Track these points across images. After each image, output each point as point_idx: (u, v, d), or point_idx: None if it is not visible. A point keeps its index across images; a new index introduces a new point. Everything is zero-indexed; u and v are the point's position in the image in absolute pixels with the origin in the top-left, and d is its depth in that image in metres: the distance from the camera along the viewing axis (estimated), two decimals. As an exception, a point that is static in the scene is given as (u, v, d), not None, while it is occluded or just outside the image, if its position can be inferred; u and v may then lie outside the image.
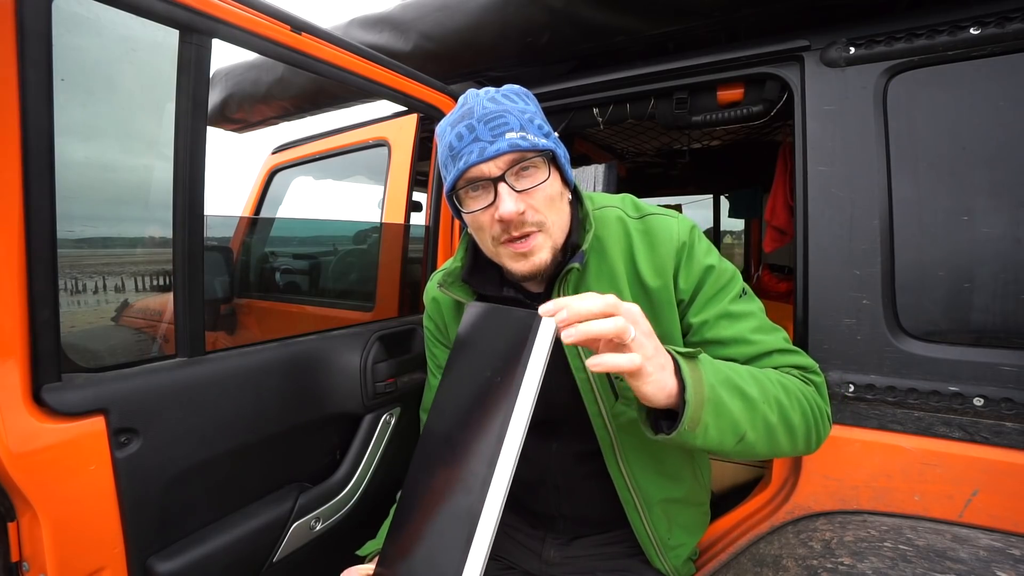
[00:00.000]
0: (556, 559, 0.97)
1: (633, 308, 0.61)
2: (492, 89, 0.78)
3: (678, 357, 0.64)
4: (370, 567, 0.70)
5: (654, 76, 1.30)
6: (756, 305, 0.85)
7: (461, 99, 0.79)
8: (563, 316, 0.58)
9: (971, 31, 0.93)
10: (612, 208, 0.88)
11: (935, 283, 0.96)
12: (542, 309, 0.58)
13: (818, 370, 0.81)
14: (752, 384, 0.69)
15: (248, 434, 0.90)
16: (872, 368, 0.99)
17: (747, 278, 3.66)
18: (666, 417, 0.68)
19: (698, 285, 0.82)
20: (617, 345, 0.60)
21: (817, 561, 0.84)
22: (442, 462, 0.65)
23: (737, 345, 0.80)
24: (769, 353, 0.80)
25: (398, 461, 1.19)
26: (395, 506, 0.85)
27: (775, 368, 0.79)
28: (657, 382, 0.61)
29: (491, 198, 0.75)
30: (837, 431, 1.01)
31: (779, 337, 0.82)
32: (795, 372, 0.79)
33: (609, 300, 0.59)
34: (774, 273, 3.11)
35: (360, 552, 0.90)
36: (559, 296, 0.85)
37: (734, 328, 0.80)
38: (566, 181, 0.83)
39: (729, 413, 0.65)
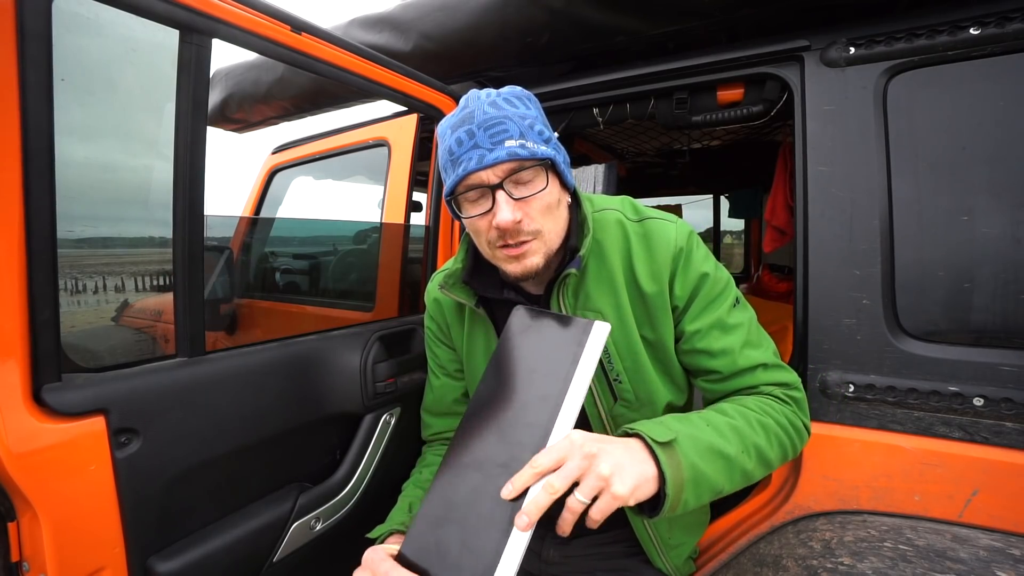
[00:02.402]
0: (555, 558, 0.97)
1: (576, 441, 0.60)
2: (494, 92, 0.78)
3: (655, 448, 0.63)
4: (393, 547, 0.69)
5: (654, 76, 1.29)
6: (747, 315, 0.86)
7: (462, 101, 0.79)
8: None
9: (971, 31, 0.93)
10: (612, 211, 0.88)
11: (935, 283, 0.96)
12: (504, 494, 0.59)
13: (799, 385, 0.84)
14: (732, 439, 0.71)
15: (248, 434, 0.90)
16: (872, 368, 0.99)
17: (747, 278, 3.66)
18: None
19: (693, 292, 0.83)
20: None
21: (817, 561, 0.84)
22: (485, 458, 0.65)
23: (724, 357, 0.81)
24: (753, 368, 0.82)
25: (398, 461, 1.19)
26: (425, 492, 0.86)
27: (757, 387, 0.82)
28: (641, 495, 0.61)
29: (489, 204, 0.75)
30: (837, 431, 1.01)
31: (765, 351, 0.84)
32: (777, 391, 0.82)
33: (548, 459, 0.59)
34: (774, 273, 3.11)
35: (371, 535, 0.88)
36: (559, 299, 0.85)
37: (724, 340, 0.82)
38: (565, 186, 0.83)
39: (708, 480, 0.67)
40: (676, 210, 3.82)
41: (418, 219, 1.65)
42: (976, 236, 0.93)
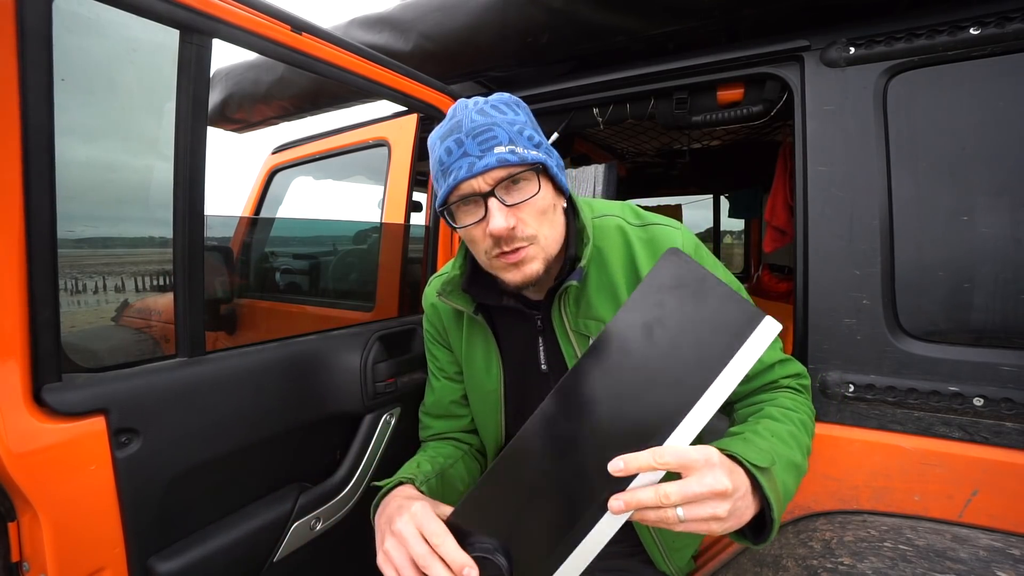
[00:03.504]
0: (556, 559, 0.97)
1: (712, 475, 0.54)
2: (481, 100, 0.77)
3: (758, 476, 0.60)
4: (445, 508, 0.67)
5: (654, 76, 1.29)
6: None
7: (450, 111, 0.78)
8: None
9: (971, 31, 0.93)
10: (612, 217, 0.88)
11: (935, 283, 0.96)
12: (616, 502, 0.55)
13: (806, 373, 0.89)
14: (795, 447, 0.73)
15: (248, 434, 0.90)
16: (872, 368, 0.99)
17: (747, 278, 3.66)
18: None
19: None
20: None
21: (817, 561, 0.84)
22: (598, 421, 0.58)
23: None
24: (772, 365, 0.84)
25: (398, 461, 1.18)
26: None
27: (776, 381, 0.84)
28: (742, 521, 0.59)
29: (482, 213, 0.74)
30: (837, 431, 1.01)
31: (777, 348, 0.86)
32: (793, 382, 0.85)
33: (689, 489, 0.53)
34: (774, 273, 3.11)
35: (379, 483, 0.84)
36: (559, 307, 0.85)
37: None
38: (560, 190, 0.82)
39: (790, 494, 0.69)
40: (676, 210, 3.82)
41: (418, 219, 1.65)
42: (976, 236, 0.93)
